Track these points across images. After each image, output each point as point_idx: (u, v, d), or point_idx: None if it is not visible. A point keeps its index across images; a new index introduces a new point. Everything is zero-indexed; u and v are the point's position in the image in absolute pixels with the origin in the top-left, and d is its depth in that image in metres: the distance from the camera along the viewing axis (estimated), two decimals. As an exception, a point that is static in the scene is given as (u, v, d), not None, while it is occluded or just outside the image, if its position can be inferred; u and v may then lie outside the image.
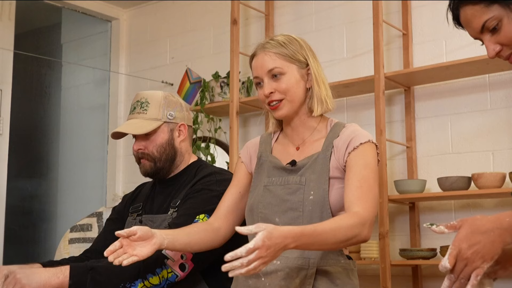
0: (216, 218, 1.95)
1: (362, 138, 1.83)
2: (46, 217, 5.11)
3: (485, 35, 1.39)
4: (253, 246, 1.47)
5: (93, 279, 1.91)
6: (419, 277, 3.26)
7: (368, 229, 1.71)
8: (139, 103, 2.24)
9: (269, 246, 1.49)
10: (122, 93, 4.73)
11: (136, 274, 1.95)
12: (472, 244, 1.27)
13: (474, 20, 1.38)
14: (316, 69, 1.89)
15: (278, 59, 1.86)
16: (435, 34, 3.42)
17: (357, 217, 1.70)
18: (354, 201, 1.75)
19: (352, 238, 1.68)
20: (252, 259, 1.48)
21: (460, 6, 1.39)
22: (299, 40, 1.92)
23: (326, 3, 3.81)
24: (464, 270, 1.27)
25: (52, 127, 5.20)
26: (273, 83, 1.86)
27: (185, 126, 2.27)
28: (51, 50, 5.21)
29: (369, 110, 3.51)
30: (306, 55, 1.89)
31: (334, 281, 1.79)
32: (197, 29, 4.42)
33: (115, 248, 1.71)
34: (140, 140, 2.23)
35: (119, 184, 4.63)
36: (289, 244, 1.54)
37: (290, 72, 1.86)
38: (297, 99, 1.87)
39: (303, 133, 1.91)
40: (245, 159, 2.00)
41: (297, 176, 1.83)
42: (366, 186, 1.77)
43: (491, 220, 1.29)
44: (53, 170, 5.14)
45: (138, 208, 2.29)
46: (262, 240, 1.48)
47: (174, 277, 1.99)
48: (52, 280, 1.87)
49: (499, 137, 3.17)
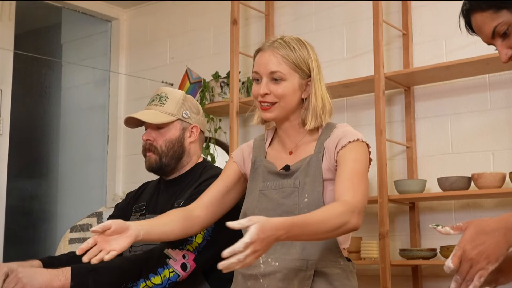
0: (197, 206, 1.92)
1: (351, 137, 1.82)
2: (46, 217, 5.12)
3: (496, 40, 1.39)
4: (250, 240, 1.46)
5: (94, 280, 1.91)
6: (419, 277, 3.26)
7: (357, 217, 1.69)
8: (159, 97, 2.25)
9: (263, 239, 1.49)
10: (122, 93, 4.73)
11: (138, 274, 1.96)
12: (477, 244, 1.27)
13: (484, 27, 1.39)
14: (318, 81, 1.87)
15: (283, 64, 1.84)
16: (435, 34, 3.42)
17: (346, 205, 1.69)
18: (343, 191, 1.74)
19: (342, 226, 1.66)
20: (248, 254, 1.47)
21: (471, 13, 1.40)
22: (308, 47, 1.89)
23: (326, 3, 3.81)
24: (470, 272, 1.27)
25: (52, 127, 5.20)
26: (271, 85, 1.84)
27: (197, 129, 2.28)
28: (51, 50, 5.21)
29: (369, 110, 3.51)
30: (311, 66, 1.87)
31: (333, 283, 1.78)
32: (197, 29, 4.42)
33: (88, 246, 1.66)
34: (151, 131, 2.24)
35: (119, 184, 4.63)
36: (281, 235, 1.54)
37: (290, 80, 1.84)
38: (289, 107, 1.86)
39: (295, 136, 1.91)
40: (238, 160, 1.99)
41: (291, 180, 1.83)
42: (356, 178, 1.76)
43: (496, 220, 1.29)
44: (53, 170, 5.14)
45: (142, 208, 2.29)
46: (257, 234, 1.48)
47: (176, 276, 1.99)
48: (54, 282, 1.87)
49: (499, 137, 3.17)
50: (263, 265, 1.80)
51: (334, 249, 1.81)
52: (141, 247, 2.16)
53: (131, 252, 2.19)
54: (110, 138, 4.70)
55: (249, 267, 1.82)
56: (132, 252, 2.19)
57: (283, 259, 1.78)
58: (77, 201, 4.82)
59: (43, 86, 5.33)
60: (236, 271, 1.89)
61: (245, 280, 1.84)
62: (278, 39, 1.88)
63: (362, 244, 3.27)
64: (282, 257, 1.78)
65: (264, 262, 1.80)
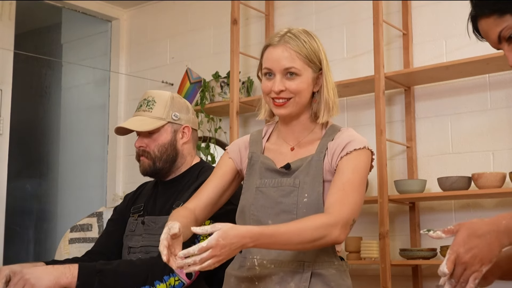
0: (197, 206, 1.87)
1: (357, 144, 1.80)
2: (46, 217, 5.11)
3: (503, 45, 1.39)
4: (206, 245, 1.50)
5: (100, 282, 1.91)
6: (419, 277, 3.26)
7: (340, 230, 1.67)
8: (146, 101, 2.25)
9: (224, 245, 1.51)
10: (122, 93, 4.73)
11: (144, 280, 1.95)
12: (470, 248, 1.27)
13: (490, 32, 1.38)
14: (328, 73, 1.86)
15: (297, 59, 1.81)
16: (435, 34, 3.42)
17: (328, 218, 1.67)
18: (332, 202, 1.73)
19: (319, 239, 1.65)
20: (205, 258, 1.50)
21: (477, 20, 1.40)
22: (316, 39, 1.87)
23: (326, 3, 3.81)
24: (464, 274, 1.27)
25: (52, 127, 5.20)
26: (285, 81, 1.81)
27: (189, 129, 2.27)
28: (51, 50, 5.21)
29: (369, 110, 3.51)
30: (321, 59, 1.86)
31: (329, 284, 1.77)
32: (197, 29, 4.41)
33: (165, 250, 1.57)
34: (143, 137, 2.24)
35: (119, 184, 4.63)
36: (247, 243, 1.56)
37: (305, 75, 1.82)
38: (304, 102, 1.84)
39: (300, 133, 1.89)
40: (234, 156, 1.95)
41: (290, 179, 1.80)
42: (349, 189, 1.74)
43: (487, 223, 1.29)
44: (53, 170, 5.14)
45: (140, 209, 2.29)
46: (216, 240, 1.50)
47: (181, 285, 1.99)
48: (61, 280, 1.87)
49: (499, 137, 3.17)
50: (258, 268, 1.78)
51: (328, 249, 1.80)
52: (140, 249, 2.16)
53: (130, 254, 2.19)
54: (110, 138, 4.70)
55: (243, 270, 1.81)
56: (131, 253, 2.19)
57: (279, 262, 1.77)
58: (77, 201, 4.81)
59: (43, 86, 5.33)
60: (229, 273, 1.87)
61: (239, 283, 1.82)
62: (287, 33, 1.84)
63: (362, 244, 3.27)
64: (278, 260, 1.77)
65: (259, 264, 1.79)
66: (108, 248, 2.30)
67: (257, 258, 1.80)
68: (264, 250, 1.79)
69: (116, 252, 2.27)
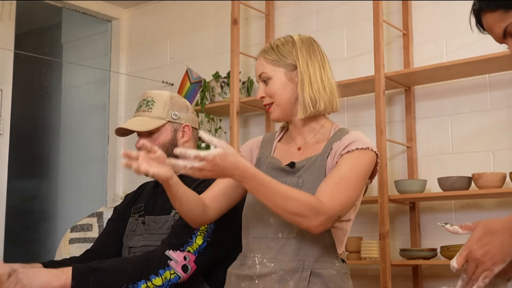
0: (207, 196, 1.87)
1: (360, 144, 1.80)
2: (46, 217, 5.11)
3: (508, 40, 1.38)
4: (203, 156, 1.52)
5: (95, 281, 1.90)
6: (419, 277, 3.26)
7: (320, 221, 1.65)
8: (145, 102, 2.25)
9: (217, 165, 1.54)
10: (122, 93, 4.73)
11: (139, 275, 1.95)
12: (483, 244, 1.26)
13: (495, 27, 1.38)
14: (305, 70, 1.86)
15: (266, 64, 1.89)
16: (435, 34, 3.42)
17: (317, 204, 1.65)
18: (323, 191, 1.70)
19: (298, 216, 1.64)
20: (196, 167, 1.53)
21: (481, 13, 1.39)
22: (296, 40, 1.90)
23: (326, 3, 3.81)
24: (476, 271, 1.26)
25: (52, 127, 5.20)
26: (264, 87, 1.90)
27: (189, 128, 2.27)
28: (51, 50, 5.21)
29: (370, 110, 3.51)
30: (296, 57, 1.87)
31: (328, 284, 1.77)
32: (197, 29, 4.42)
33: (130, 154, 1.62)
34: (143, 137, 2.24)
35: (119, 184, 4.63)
36: (236, 175, 1.59)
37: (276, 76, 1.88)
38: (284, 102, 1.87)
39: (306, 133, 1.91)
40: (246, 155, 1.98)
41: (294, 177, 1.82)
42: (344, 185, 1.72)
43: (503, 220, 1.28)
44: (53, 170, 5.14)
45: (140, 209, 2.29)
46: (214, 156, 1.53)
47: (177, 278, 1.99)
48: (54, 282, 1.86)
49: (500, 137, 3.17)
50: (259, 266, 1.80)
51: (330, 250, 1.80)
52: (140, 248, 2.16)
53: (130, 254, 2.19)
54: (110, 138, 4.70)
55: (244, 268, 1.83)
56: (131, 253, 2.19)
57: (279, 260, 1.77)
58: (77, 201, 4.82)
59: (43, 86, 5.33)
60: (230, 272, 1.89)
61: (239, 281, 1.83)
62: (267, 44, 1.95)
63: (362, 244, 3.27)
64: (278, 258, 1.77)
65: (259, 262, 1.80)
66: (107, 247, 2.30)
67: (257, 257, 1.81)
68: (265, 248, 1.81)
69: (115, 252, 2.27)
